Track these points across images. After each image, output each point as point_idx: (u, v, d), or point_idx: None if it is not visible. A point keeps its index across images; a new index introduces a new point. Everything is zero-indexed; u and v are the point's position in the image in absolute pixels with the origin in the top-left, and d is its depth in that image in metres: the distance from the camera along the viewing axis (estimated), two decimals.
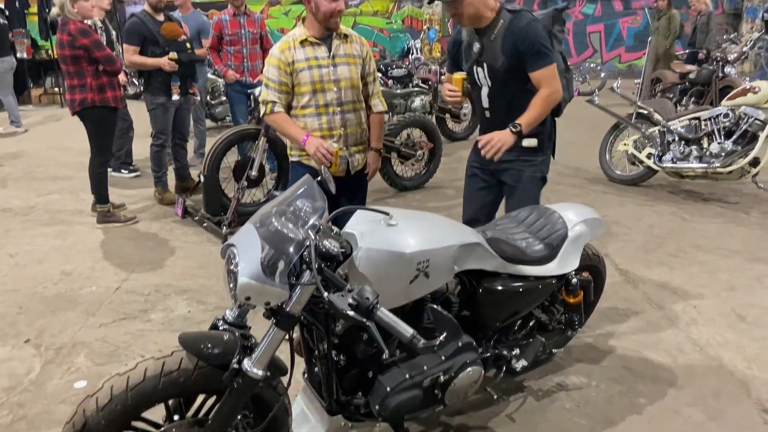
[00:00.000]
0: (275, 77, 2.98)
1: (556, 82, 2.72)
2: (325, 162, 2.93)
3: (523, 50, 2.66)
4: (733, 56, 7.32)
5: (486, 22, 2.74)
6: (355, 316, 1.56)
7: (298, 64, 2.96)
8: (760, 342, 3.12)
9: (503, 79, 2.78)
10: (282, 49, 2.96)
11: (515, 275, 2.36)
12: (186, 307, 3.54)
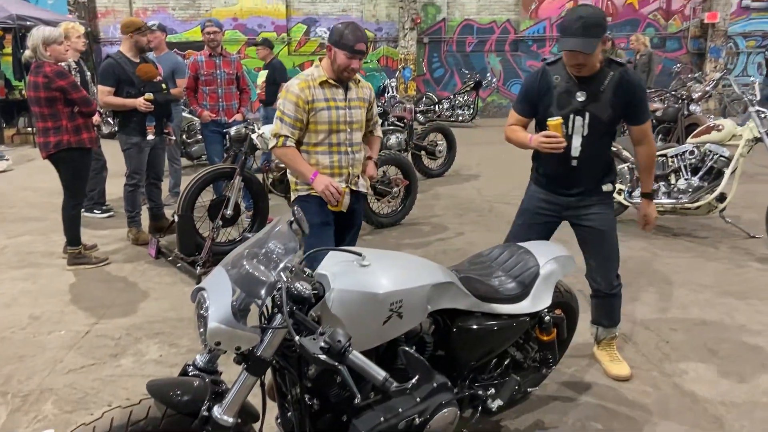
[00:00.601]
0: (291, 113, 3.07)
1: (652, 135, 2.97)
2: (332, 201, 3.08)
3: (634, 104, 2.79)
4: (697, 95, 7.57)
5: (593, 71, 2.77)
6: (326, 359, 1.55)
7: (318, 103, 3.08)
8: (732, 377, 3.15)
9: (602, 131, 2.84)
10: (302, 88, 3.06)
11: (489, 314, 2.37)
12: (158, 351, 3.47)
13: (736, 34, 14.81)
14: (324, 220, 3.24)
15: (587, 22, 2.60)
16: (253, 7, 14.32)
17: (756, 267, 4.70)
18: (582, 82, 2.77)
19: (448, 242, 5.49)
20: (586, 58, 2.66)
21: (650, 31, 14.81)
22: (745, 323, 3.75)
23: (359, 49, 3.01)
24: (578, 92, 2.78)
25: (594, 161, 2.90)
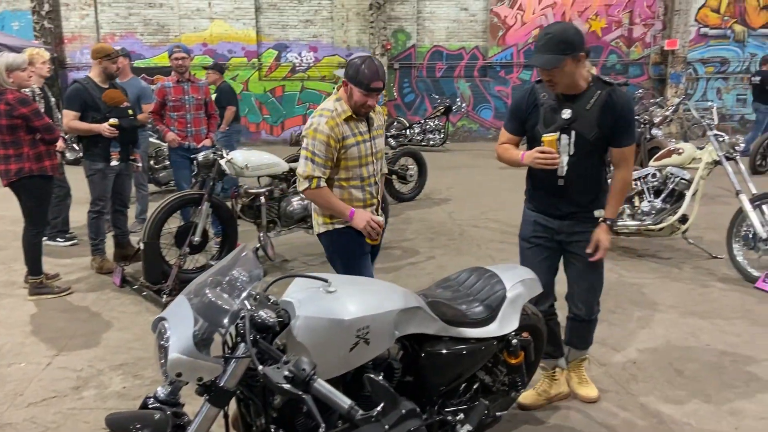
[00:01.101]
0: (323, 153, 2.98)
1: (633, 162, 2.85)
2: (373, 236, 3.10)
3: (621, 124, 2.70)
4: (658, 119, 7.79)
5: (579, 90, 2.72)
6: (290, 389, 1.53)
7: (348, 140, 3.04)
8: (698, 396, 3.19)
9: (589, 150, 2.76)
10: (331, 126, 2.97)
11: (457, 338, 2.37)
12: (121, 383, 3.38)
13: (695, 60, 15.32)
14: (366, 250, 3.24)
15: (552, 38, 2.60)
16: (223, 33, 14.34)
17: (719, 287, 4.80)
18: (568, 100, 2.73)
19: (419, 266, 5.50)
20: (553, 74, 2.63)
21: (613, 57, 15.24)
22: (710, 342, 3.82)
23: (375, 87, 2.95)
24: (564, 110, 2.74)
25: (582, 183, 2.83)
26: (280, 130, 14.94)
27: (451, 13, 14.97)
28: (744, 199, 4.92)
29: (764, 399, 3.16)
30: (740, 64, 15.44)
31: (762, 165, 9.66)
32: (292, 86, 14.84)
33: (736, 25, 15.26)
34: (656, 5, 15.07)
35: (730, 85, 15.56)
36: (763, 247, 4.79)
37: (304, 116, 14.73)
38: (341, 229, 3.14)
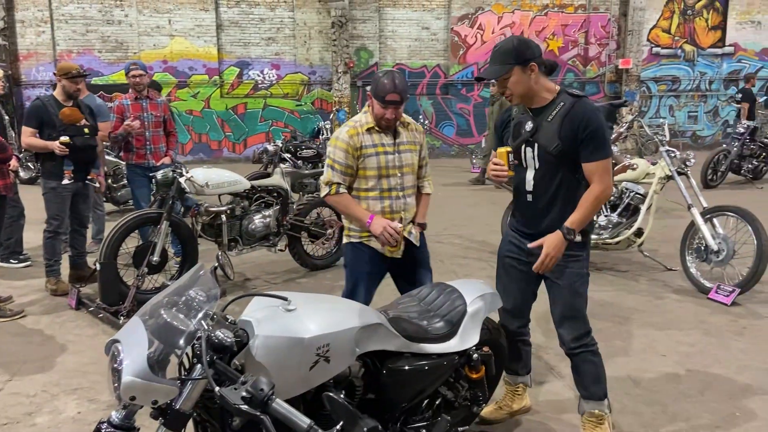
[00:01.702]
0: (342, 160, 3.11)
1: (609, 177, 2.61)
2: (391, 242, 3.08)
3: (582, 138, 2.53)
4: (613, 136, 8.01)
5: (543, 102, 2.64)
6: (248, 410, 1.51)
7: (366, 149, 3.10)
8: (654, 407, 3.26)
9: (554, 164, 2.62)
10: (351, 135, 3.10)
11: (418, 354, 2.38)
12: (76, 408, 3.28)
13: (648, 78, 15.85)
14: (372, 270, 3.26)
15: (498, 50, 2.60)
16: (183, 50, 14.23)
17: (673, 298, 4.93)
18: (534, 113, 2.66)
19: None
20: (504, 84, 2.60)
21: (570, 76, 15.65)
22: (666, 353, 3.91)
23: (390, 100, 2.99)
24: (527, 122, 2.67)
25: (552, 199, 2.66)
26: (243, 148, 14.84)
27: (412, 32, 15.19)
28: (695, 213, 5.09)
29: (718, 408, 3.24)
30: (690, 83, 16.04)
31: (713, 179, 10.01)
32: (254, 104, 14.78)
33: (686, 44, 15.87)
34: (610, 25, 15.57)
35: (681, 102, 16.14)
36: (715, 259, 4.95)
37: (266, 134, 14.68)
38: (354, 244, 3.26)
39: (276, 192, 5.67)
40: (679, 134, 15.84)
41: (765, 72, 16.04)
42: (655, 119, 15.31)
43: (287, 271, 5.91)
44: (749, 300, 4.79)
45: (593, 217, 2.72)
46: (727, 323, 4.38)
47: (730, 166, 10.11)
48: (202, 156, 14.56)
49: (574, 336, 2.76)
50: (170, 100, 14.02)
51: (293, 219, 5.69)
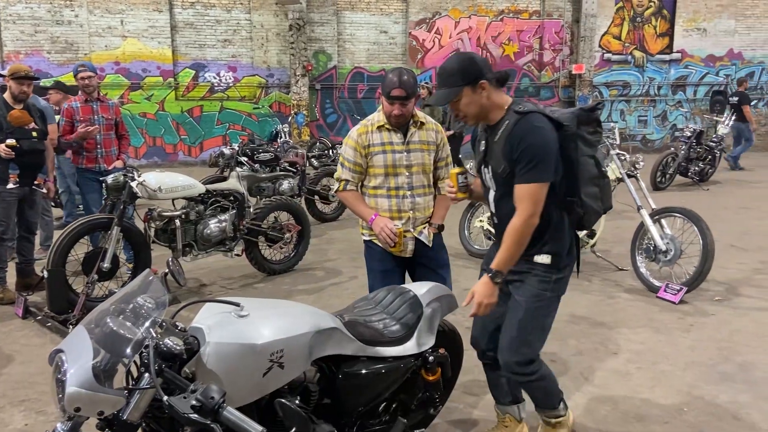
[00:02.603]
0: (351, 158, 3.18)
1: (534, 207, 2.32)
2: (389, 242, 3.08)
3: (515, 158, 2.34)
4: None
5: (495, 120, 2.47)
6: (198, 419, 1.48)
7: (374, 147, 3.12)
8: (607, 403, 3.34)
9: (507, 185, 2.45)
10: (360, 133, 3.16)
11: (374, 357, 2.37)
12: (23, 420, 3.17)
13: (600, 83, 16.28)
14: (385, 267, 3.25)
15: (443, 72, 2.45)
16: (136, 51, 13.92)
17: (625, 297, 5.07)
18: (488, 132, 2.54)
19: (342, 286, 5.49)
20: (456, 107, 2.46)
21: (526, 81, 15.96)
22: (617, 351, 4.01)
23: (394, 96, 2.99)
24: (482, 141, 2.57)
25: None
26: (199, 151, 14.60)
27: (371, 35, 15.23)
28: (645, 214, 5.24)
29: (666, 403, 3.34)
30: (640, 88, 16.54)
31: (662, 182, 10.33)
32: (210, 106, 14.57)
33: (635, 51, 16.36)
34: (563, 32, 15.94)
35: (632, 107, 16.63)
36: (663, 258, 5.11)
37: (223, 137, 14.48)
38: (366, 241, 3.33)
39: (232, 196, 5.59)
40: (630, 138, 16.33)
41: (710, 78, 16.66)
42: (606, 123, 15.67)
43: (244, 276, 5.84)
44: (696, 298, 4.96)
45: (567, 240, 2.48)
46: (675, 321, 4.52)
47: (677, 169, 10.45)
48: (156, 159, 14.26)
49: (516, 360, 2.54)
50: (123, 102, 13.70)
51: (250, 223, 5.63)
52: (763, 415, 3.20)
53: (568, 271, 2.55)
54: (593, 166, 2.49)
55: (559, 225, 2.48)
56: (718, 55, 16.68)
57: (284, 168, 7.73)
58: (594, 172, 2.49)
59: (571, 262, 2.55)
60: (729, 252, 6.33)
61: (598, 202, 2.52)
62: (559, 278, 2.51)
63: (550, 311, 2.56)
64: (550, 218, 2.44)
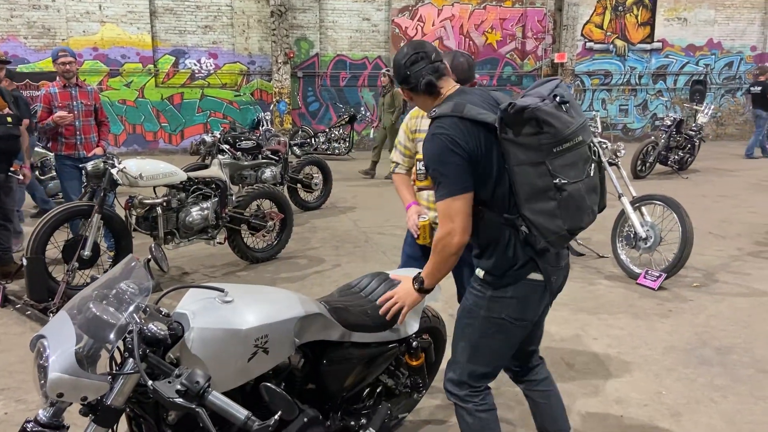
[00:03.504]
0: (402, 140, 3.18)
1: (448, 221, 2.06)
2: (413, 232, 3.08)
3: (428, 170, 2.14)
4: None
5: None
6: (183, 403, 1.48)
7: (420, 134, 3.04)
8: (587, 388, 3.39)
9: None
10: (412, 116, 3.13)
11: (358, 343, 2.38)
12: (2, 409, 3.14)
13: (582, 72, 16.37)
14: (413, 253, 3.24)
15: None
16: (115, 37, 13.68)
17: (605, 284, 5.14)
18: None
19: (325, 274, 5.49)
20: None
21: (508, 69, 15.98)
22: (597, 336, 4.07)
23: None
24: None
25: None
26: (180, 139, 14.44)
27: (353, 22, 15.12)
28: (625, 202, 5.30)
29: (644, 386, 3.41)
30: (622, 77, 16.67)
31: (642, 170, 10.45)
32: (191, 94, 14.39)
33: (617, 40, 16.46)
34: (546, 20, 15.97)
35: (613, 96, 16.75)
36: (643, 245, 5.18)
37: (204, 125, 14.33)
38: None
39: (214, 184, 5.55)
40: (611, 127, 16.47)
41: (690, 67, 16.84)
42: (588, 112, 15.82)
43: (227, 264, 5.82)
44: (675, 284, 5.04)
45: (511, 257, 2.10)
46: (654, 307, 4.60)
47: (657, 158, 10.58)
48: (136, 147, 14.08)
49: (449, 378, 2.32)
50: (101, 89, 13.49)
51: (232, 211, 5.59)
52: (738, 397, 3.28)
53: (511, 292, 2.13)
54: (537, 176, 1.97)
55: (498, 242, 2.11)
56: (698, 45, 16.85)
57: (266, 156, 7.69)
58: (539, 184, 1.97)
59: (514, 282, 2.12)
60: (707, 239, 6.44)
61: (555, 221, 1.98)
62: (495, 297, 2.14)
63: (486, 333, 2.18)
64: (489, 233, 2.13)
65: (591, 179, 2.05)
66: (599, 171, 2.15)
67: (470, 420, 2.26)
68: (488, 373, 2.28)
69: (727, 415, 3.10)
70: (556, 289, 2.25)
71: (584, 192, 2.02)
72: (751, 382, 3.43)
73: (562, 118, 1.95)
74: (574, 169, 1.98)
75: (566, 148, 1.96)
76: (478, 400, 2.25)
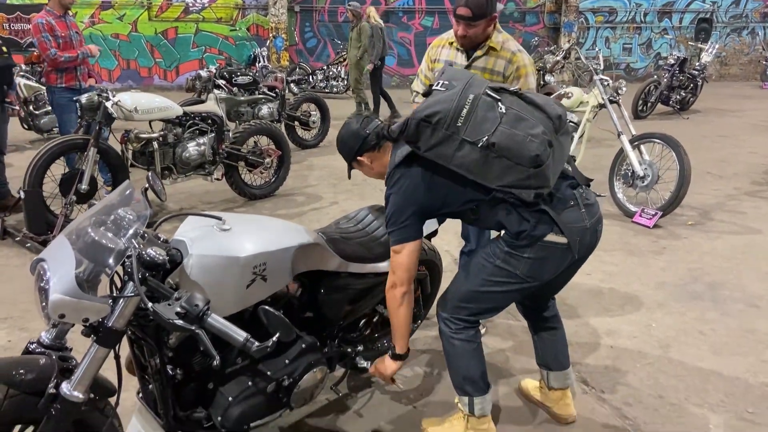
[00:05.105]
0: (423, 69, 3.13)
1: (400, 271, 2.13)
2: None
3: None
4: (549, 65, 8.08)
5: None
6: (183, 324, 1.51)
7: (438, 64, 2.99)
8: (578, 320, 3.47)
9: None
10: (433, 46, 3.08)
11: (355, 273, 2.42)
12: (6, 337, 3.20)
13: (586, 9, 15.93)
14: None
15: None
16: None
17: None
18: None
19: (323, 211, 5.51)
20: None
21: (511, 5, 15.53)
22: (591, 272, 4.12)
23: (459, 14, 2.73)
24: None
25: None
26: (175, 75, 14.18)
27: None
28: (624, 140, 5.27)
29: (636, 320, 3.48)
30: (627, 14, 16.23)
31: (643, 110, 10.34)
32: (185, 28, 14.03)
33: None
34: None
35: (617, 34, 16.36)
36: (640, 184, 5.18)
37: (200, 61, 14.04)
38: None
39: (210, 119, 5.49)
40: (614, 66, 16.16)
41: (696, 5, 16.38)
42: (591, 51, 15.51)
43: (225, 201, 5.83)
44: (670, 222, 5.07)
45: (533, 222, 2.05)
46: (649, 244, 4.64)
47: (659, 97, 10.44)
48: (131, 83, 13.85)
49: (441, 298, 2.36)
50: (93, 22, 13.16)
51: (229, 147, 5.55)
52: (727, 330, 3.35)
53: (528, 253, 2.09)
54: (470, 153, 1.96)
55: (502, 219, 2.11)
56: None
57: (263, 92, 7.57)
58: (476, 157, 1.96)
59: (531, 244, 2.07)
60: (705, 179, 6.44)
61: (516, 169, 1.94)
62: (512, 254, 2.11)
63: (492, 280, 2.17)
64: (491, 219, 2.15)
65: (507, 115, 1.96)
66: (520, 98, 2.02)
67: (447, 345, 2.30)
68: (480, 313, 2.29)
69: (714, 347, 3.18)
70: (581, 249, 2.14)
71: (509, 129, 1.93)
72: (741, 317, 3.50)
73: (441, 98, 1.98)
74: (486, 122, 1.95)
75: (467, 114, 1.95)
76: (460, 329, 2.27)
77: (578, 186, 2.15)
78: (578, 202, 2.11)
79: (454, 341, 2.27)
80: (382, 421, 2.56)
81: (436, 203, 2.11)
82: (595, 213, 2.19)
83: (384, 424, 2.55)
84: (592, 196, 2.20)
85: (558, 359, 2.55)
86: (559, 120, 2.01)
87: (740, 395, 2.76)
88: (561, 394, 2.57)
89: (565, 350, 2.57)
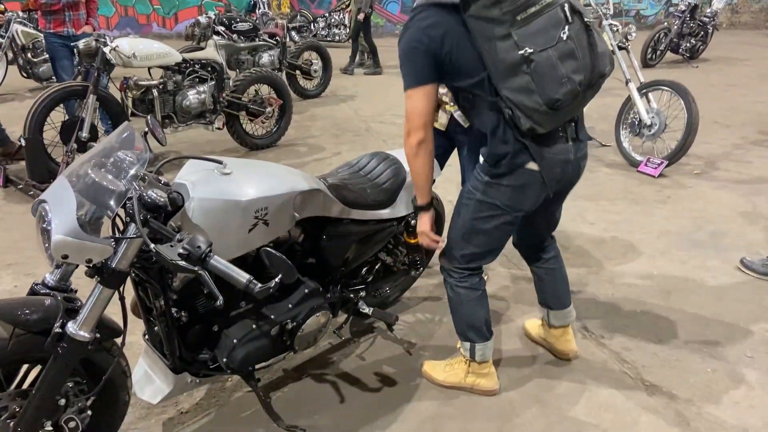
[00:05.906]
0: None
1: (414, 116, 2.07)
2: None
3: None
4: None
5: None
6: (185, 265, 1.51)
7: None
8: (581, 267, 3.48)
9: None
10: None
11: (357, 220, 2.42)
12: (12, 282, 3.24)
13: None
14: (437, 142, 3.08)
15: None
16: None
17: (605, 171, 5.13)
18: None
19: (325, 162, 5.48)
20: None
21: None
22: (594, 221, 4.12)
23: None
24: None
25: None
26: (174, 23, 13.90)
27: None
28: (632, 88, 5.17)
29: (637, 267, 3.49)
30: None
31: (652, 58, 10.13)
32: None
33: None
34: None
35: None
36: (647, 133, 5.11)
37: (199, 8, 13.74)
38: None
39: (210, 66, 5.39)
40: (624, 13, 15.75)
41: None
42: None
43: (226, 150, 5.79)
44: (676, 172, 5.04)
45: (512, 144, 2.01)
46: (653, 193, 4.62)
47: (669, 45, 10.21)
48: (129, 31, 13.60)
49: (443, 250, 2.34)
50: None
51: (230, 96, 5.48)
52: (729, 277, 3.37)
53: (506, 181, 2.07)
54: (505, 51, 1.84)
55: (489, 127, 2.05)
56: None
57: (264, 40, 7.42)
58: (508, 59, 1.84)
59: (509, 171, 2.06)
60: (712, 128, 6.36)
61: (532, 97, 1.85)
62: (491, 183, 2.10)
63: (478, 216, 2.16)
64: (481, 119, 2.09)
65: (565, 44, 1.83)
66: (586, 34, 1.89)
67: (451, 294, 2.33)
68: (478, 255, 2.26)
69: (715, 293, 3.20)
70: (562, 180, 2.13)
71: (556, 59, 1.82)
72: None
73: None
74: (543, 35, 1.81)
75: (532, 14, 1.81)
76: (463, 277, 2.28)
77: (571, 120, 2.08)
78: (566, 135, 2.07)
79: (458, 289, 2.30)
80: (383, 365, 2.60)
81: (446, 58, 1.97)
82: (582, 149, 2.16)
83: (386, 367, 2.59)
84: (583, 132, 2.15)
85: (558, 298, 2.58)
86: (600, 78, 1.94)
87: (740, 340, 2.79)
88: (562, 331, 2.62)
89: (565, 289, 2.60)
